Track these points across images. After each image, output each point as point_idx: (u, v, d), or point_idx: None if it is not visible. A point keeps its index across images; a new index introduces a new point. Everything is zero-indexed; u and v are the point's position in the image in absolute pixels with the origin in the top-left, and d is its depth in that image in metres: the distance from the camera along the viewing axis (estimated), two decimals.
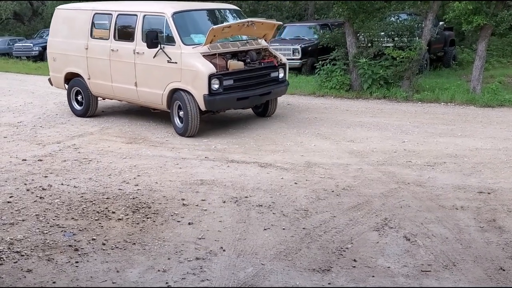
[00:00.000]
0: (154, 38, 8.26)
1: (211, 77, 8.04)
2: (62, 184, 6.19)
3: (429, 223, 4.84)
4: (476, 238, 4.49)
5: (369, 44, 12.42)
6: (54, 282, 3.95)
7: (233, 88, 8.39)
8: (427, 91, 11.13)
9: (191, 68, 8.15)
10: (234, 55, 8.65)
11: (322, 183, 6.06)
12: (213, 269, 4.08)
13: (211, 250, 4.40)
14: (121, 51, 9.05)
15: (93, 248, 4.51)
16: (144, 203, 5.51)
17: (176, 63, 8.26)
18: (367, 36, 12.41)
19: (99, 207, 5.44)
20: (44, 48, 21.35)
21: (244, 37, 8.97)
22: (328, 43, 13.53)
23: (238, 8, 10.06)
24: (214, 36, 8.18)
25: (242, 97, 8.52)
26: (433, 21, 11.68)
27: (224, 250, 4.39)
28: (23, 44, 22.66)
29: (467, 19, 10.40)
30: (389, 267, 4.06)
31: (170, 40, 8.39)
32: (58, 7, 10.82)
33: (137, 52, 8.77)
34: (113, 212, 5.28)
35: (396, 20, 12.96)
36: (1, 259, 4.29)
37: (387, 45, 12.06)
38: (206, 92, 8.07)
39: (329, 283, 3.84)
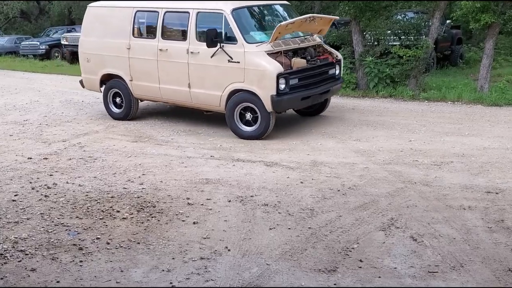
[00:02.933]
0: (214, 37, 7.84)
1: (279, 76, 7.70)
2: (67, 183, 6.18)
3: (436, 223, 4.79)
4: (484, 239, 4.43)
5: (376, 43, 12.34)
6: (58, 282, 3.93)
7: (298, 87, 8.05)
8: (434, 90, 11.04)
9: (257, 67, 7.77)
10: (294, 52, 8.32)
11: (328, 182, 6.02)
12: (218, 269, 4.05)
13: (216, 250, 4.37)
14: (172, 51, 8.58)
15: (97, 247, 4.49)
16: (149, 202, 5.48)
17: (238, 62, 7.88)
18: (373, 34, 12.33)
19: (103, 206, 5.42)
20: (51, 46, 21.68)
21: (301, 33, 8.68)
22: (334, 42, 13.46)
23: (289, 3, 9.66)
24: (279, 33, 7.89)
25: (306, 96, 8.20)
26: (440, 19, 11.59)
27: (229, 250, 4.36)
28: (30, 42, 22.71)
29: (474, 17, 10.30)
30: (395, 268, 4.01)
31: (229, 39, 8.00)
32: (91, 4, 10.08)
33: (191, 52, 8.33)
34: (118, 211, 5.26)
35: (403, 18, 12.88)
36: (5, 258, 4.28)
37: (394, 43, 11.98)
38: (274, 92, 7.70)
39: (334, 284, 3.80)
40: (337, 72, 8.87)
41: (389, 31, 12.30)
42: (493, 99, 10.03)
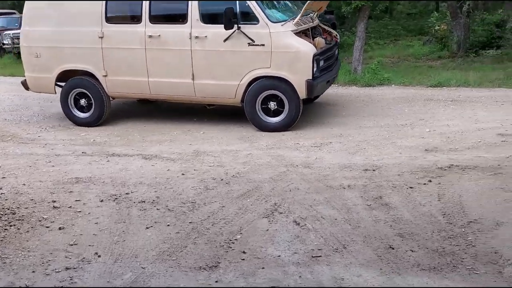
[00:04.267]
0: (232, 17, 6.86)
1: (313, 58, 6.97)
2: None
3: (318, 205, 4.73)
4: (364, 217, 4.44)
5: None
6: None
7: (322, 69, 7.40)
8: None
9: (288, 49, 6.96)
10: (307, 32, 7.56)
11: (211, 172, 5.76)
12: (86, 279, 3.60)
13: (84, 257, 3.90)
14: (166, 37, 7.36)
15: None
16: (8, 209, 4.82)
17: (263, 45, 6.97)
18: None
19: None
20: None
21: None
22: None
23: None
24: (305, 10, 7.26)
25: (328, 79, 7.64)
26: None
27: (99, 256, 3.91)
28: None
29: (346, 1, 10.62)
30: (279, 256, 3.85)
31: (247, 19, 7.07)
32: None
33: (195, 36, 7.21)
34: None
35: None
36: None
37: None
38: (310, 76, 6.96)
39: (216, 281, 3.55)
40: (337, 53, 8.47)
41: None
42: (366, 80, 10.42)
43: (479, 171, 5.37)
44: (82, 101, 7.98)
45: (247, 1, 7.01)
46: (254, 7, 7.02)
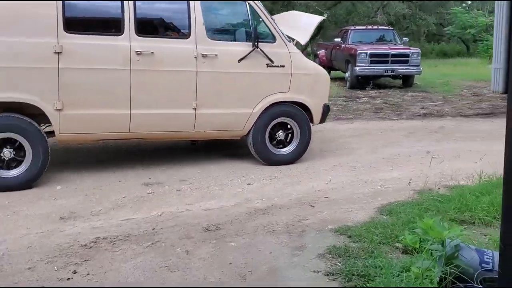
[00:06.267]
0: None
1: None
2: None
3: None
4: None
5: None
6: None
7: None
8: None
9: (308, 71, 6.55)
10: None
11: None
12: None
13: None
14: (162, 55, 5.74)
15: None
16: None
17: (283, 66, 6.31)
18: None
19: None
20: None
21: None
22: None
23: None
24: None
25: None
26: None
27: None
28: None
29: None
30: None
31: (261, 36, 6.14)
32: None
33: (202, 55, 5.89)
34: None
35: None
36: None
37: None
38: (327, 100, 6.73)
39: None
40: None
41: None
42: None
43: (133, 242, 4.27)
44: (6, 153, 5.42)
45: (261, 17, 6.29)
46: (270, 22, 6.37)
